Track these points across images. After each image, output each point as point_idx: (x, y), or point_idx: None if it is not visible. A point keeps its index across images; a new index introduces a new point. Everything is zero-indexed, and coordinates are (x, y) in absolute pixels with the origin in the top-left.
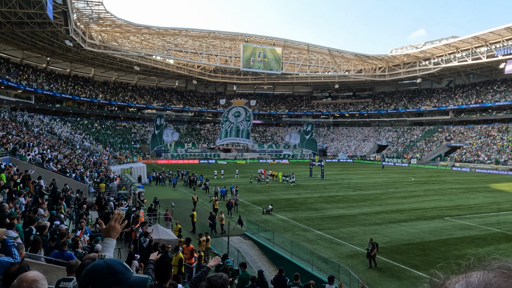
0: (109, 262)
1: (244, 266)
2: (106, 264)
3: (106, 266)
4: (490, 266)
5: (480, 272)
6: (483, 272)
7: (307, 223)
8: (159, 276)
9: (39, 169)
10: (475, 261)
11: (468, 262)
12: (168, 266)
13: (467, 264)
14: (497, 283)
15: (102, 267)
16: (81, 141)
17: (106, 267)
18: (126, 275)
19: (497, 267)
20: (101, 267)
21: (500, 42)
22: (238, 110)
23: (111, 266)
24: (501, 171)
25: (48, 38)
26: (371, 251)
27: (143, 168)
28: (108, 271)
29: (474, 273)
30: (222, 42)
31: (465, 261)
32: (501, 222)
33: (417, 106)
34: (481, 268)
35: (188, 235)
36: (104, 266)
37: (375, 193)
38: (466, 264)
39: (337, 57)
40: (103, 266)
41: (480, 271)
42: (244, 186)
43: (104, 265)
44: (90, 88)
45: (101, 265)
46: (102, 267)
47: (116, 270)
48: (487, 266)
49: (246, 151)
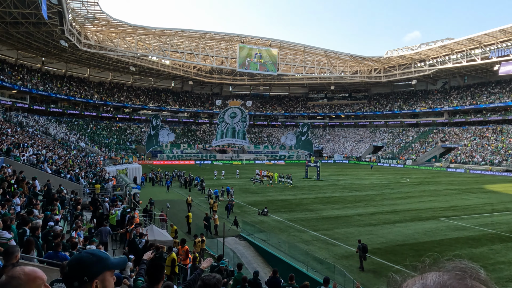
0: (90, 251)
1: (240, 267)
2: (89, 254)
3: (91, 255)
4: (445, 267)
5: (435, 274)
6: (438, 274)
7: (303, 224)
8: (151, 277)
9: (34, 170)
10: (431, 263)
11: (424, 264)
12: (161, 267)
13: (423, 266)
14: (452, 285)
15: (87, 256)
16: (76, 141)
17: (91, 256)
18: (110, 259)
19: (452, 269)
20: (86, 257)
21: (494, 44)
22: (234, 111)
23: (95, 253)
24: (495, 172)
25: (43, 38)
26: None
27: (138, 169)
28: (95, 259)
29: (429, 275)
30: (218, 43)
31: (421, 263)
32: (495, 223)
33: (412, 107)
34: (437, 269)
35: (184, 236)
36: (89, 255)
37: (371, 194)
38: (422, 266)
39: (333, 58)
40: (88, 255)
41: (435, 272)
42: (240, 187)
43: (88, 255)
44: (86, 88)
45: (85, 255)
46: (87, 257)
47: (101, 256)
48: (441, 268)
49: (242, 152)
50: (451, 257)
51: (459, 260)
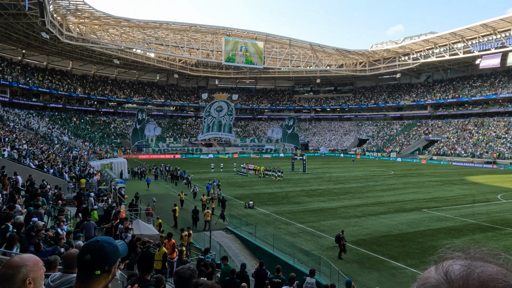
0: (107, 240)
1: (226, 260)
2: (108, 243)
3: (110, 244)
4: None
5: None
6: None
7: (289, 217)
8: (141, 267)
9: (15, 165)
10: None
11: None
12: (150, 257)
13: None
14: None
15: (108, 246)
16: (59, 136)
17: (110, 245)
18: (119, 247)
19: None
20: (107, 246)
21: (476, 38)
22: (220, 104)
23: (112, 242)
24: (476, 164)
25: (24, 30)
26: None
27: (124, 163)
28: (113, 248)
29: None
30: (203, 35)
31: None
32: (475, 214)
33: (396, 100)
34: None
35: (170, 230)
36: (109, 244)
37: (356, 186)
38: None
39: (318, 52)
40: (108, 244)
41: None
42: (227, 180)
43: (108, 244)
44: (68, 81)
45: (106, 245)
46: (108, 246)
47: (116, 245)
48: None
49: (228, 145)
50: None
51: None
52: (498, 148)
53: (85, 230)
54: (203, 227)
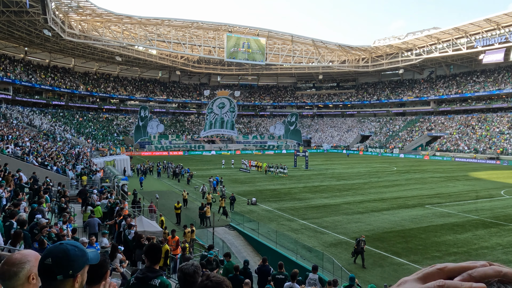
0: (73, 243)
1: (229, 256)
2: (74, 246)
3: (76, 247)
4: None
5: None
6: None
7: (292, 213)
8: (150, 257)
9: (19, 162)
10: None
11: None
12: (158, 248)
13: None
14: None
15: (72, 249)
16: (62, 133)
17: (76, 249)
18: (88, 253)
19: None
20: (72, 249)
21: (479, 34)
22: (223, 101)
23: (78, 246)
24: (479, 160)
25: (26, 28)
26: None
27: (126, 160)
28: (79, 252)
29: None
30: (205, 32)
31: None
32: (479, 209)
33: (399, 96)
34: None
35: (173, 227)
36: (74, 248)
37: (358, 182)
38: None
39: (321, 48)
40: (73, 247)
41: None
42: (229, 177)
43: (73, 247)
44: (71, 79)
45: (70, 248)
46: (72, 249)
47: (83, 249)
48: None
49: (230, 142)
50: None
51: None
52: (501, 143)
53: (89, 227)
54: (205, 224)
